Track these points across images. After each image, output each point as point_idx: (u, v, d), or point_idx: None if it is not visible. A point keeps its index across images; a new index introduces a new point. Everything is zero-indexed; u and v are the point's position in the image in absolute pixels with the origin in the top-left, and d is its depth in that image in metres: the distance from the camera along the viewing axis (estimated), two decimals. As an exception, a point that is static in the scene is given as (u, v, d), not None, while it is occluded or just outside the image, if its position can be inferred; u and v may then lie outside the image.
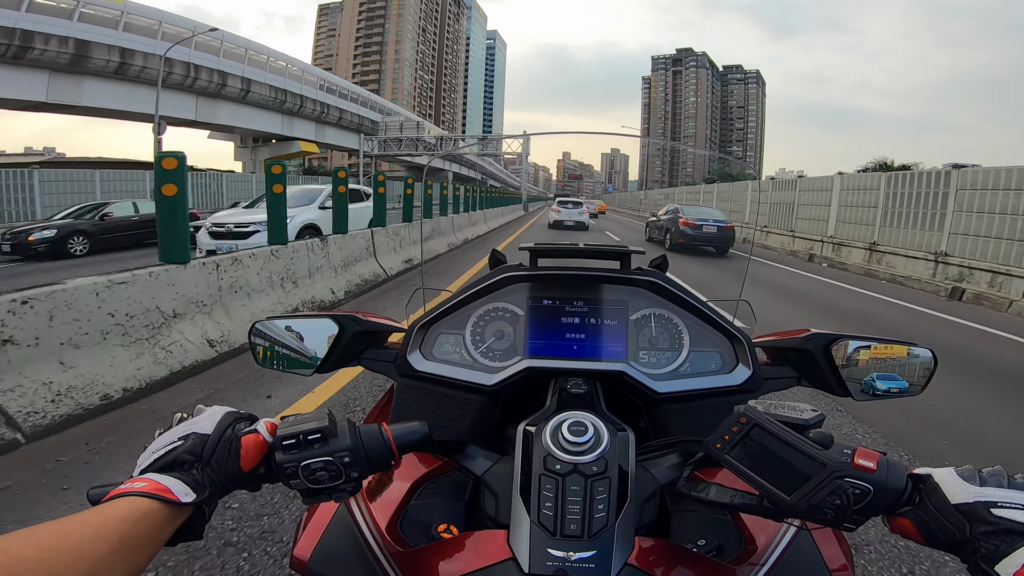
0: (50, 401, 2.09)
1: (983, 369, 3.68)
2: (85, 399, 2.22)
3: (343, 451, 0.44)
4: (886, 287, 7.64)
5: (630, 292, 0.75)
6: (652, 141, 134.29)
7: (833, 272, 9.16)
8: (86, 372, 2.27)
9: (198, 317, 2.99)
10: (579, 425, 0.50)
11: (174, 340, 2.75)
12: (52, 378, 2.15)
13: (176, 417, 0.46)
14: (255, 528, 1.57)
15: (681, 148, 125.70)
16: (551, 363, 0.69)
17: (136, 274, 2.63)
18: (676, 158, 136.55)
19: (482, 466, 0.57)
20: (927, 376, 0.66)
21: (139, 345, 2.56)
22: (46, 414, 2.06)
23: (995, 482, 0.39)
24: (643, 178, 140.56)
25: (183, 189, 2.84)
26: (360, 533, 0.56)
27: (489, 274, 0.76)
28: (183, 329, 2.85)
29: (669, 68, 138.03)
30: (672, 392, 0.67)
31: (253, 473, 0.45)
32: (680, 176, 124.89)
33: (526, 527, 0.45)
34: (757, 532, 0.56)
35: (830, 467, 0.40)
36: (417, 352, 0.72)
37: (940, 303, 6.52)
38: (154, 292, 2.70)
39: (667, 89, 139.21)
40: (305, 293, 4.19)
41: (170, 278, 2.81)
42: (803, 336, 0.70)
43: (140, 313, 2.59)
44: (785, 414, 0.45)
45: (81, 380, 2.24)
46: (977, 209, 7.32)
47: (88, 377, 2.27)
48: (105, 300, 2.41)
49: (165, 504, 0.37)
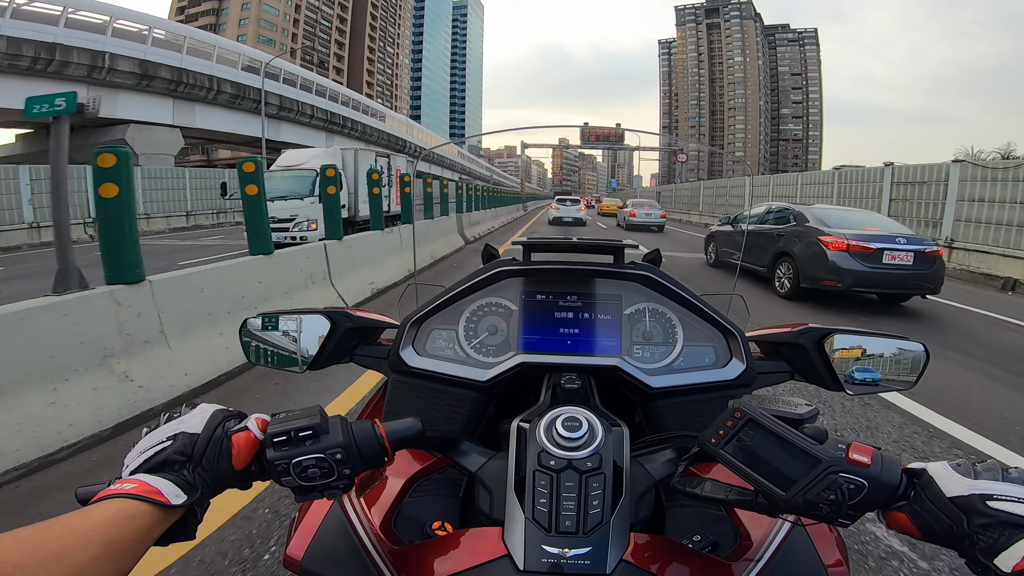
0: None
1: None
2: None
3: (335, 448, 0.54)
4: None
5: (624, 286, 0.92)
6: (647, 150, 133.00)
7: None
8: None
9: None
10: (573, 420, 0.62)
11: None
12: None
13: (163, 415, 0.54)
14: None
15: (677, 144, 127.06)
16: (545, 358, 0.83)
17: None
18: (713, 142, 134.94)
19: (476, 462, 0.68)
20: (920, 370, 0.82)
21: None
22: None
23: (990, 476, 0.48)
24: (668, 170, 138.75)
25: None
26: (354, 531, 0.69)
27: (482, 268, 0.93)
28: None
29: (701, 20, 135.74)
30: (666, 387, 0.82)
31: (245, 471, 0.54)
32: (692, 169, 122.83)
33: (521, 524, 0.56)
34: (752, 528, 0.69)
35: (825, 462, 0.49)
36: (410, 348, 0.87)
37: None
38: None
39: (700, 48, 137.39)
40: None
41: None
42: (796, 330, 0.85)
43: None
44: (780, 409, 0.54)
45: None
46: None
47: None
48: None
49: (155, 506, 0.45)
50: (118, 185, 3.05)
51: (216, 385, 3.59)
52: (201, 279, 3.84)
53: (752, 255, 8.59)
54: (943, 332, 5.79)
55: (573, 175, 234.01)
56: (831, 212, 7.69)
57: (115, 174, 3.03)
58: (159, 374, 3.24)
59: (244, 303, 4.16)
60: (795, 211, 7.84)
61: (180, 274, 3.73)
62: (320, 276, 5.55)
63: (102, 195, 3.04)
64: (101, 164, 2.99)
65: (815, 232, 7.03)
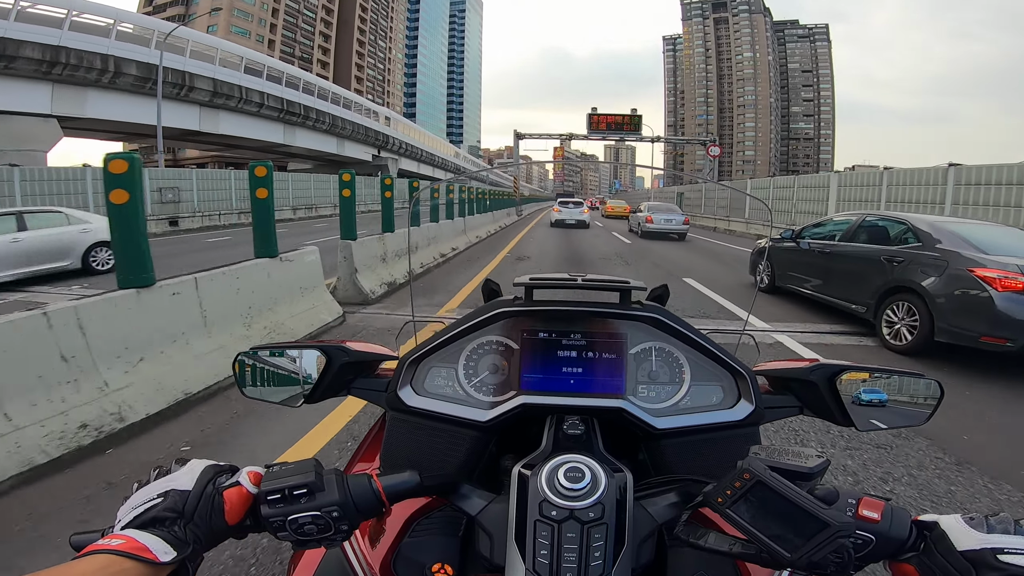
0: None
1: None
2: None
3: (331, 506, 0.55)
4: None
5: (629, 325, 0.89)
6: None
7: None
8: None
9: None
10: (576, 471, 0.62)
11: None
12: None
13: (153, 472, 0.56)
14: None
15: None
16: (547, 399, 0.82)
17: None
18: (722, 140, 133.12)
19: (476, 506, 0.69)
20: (932, 407, 0.81)
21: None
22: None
23: (1002, 528, 0.49)
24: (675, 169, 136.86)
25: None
26: (353, 574, 0.71)
27: (483, 307, 0.92)
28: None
29: (708, 15, 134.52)
30: (672, 428, 0.81)
31: (239, 525, 0.56)
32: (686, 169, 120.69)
33: (521, 574, 0.57)
34: (756, 573, 0.71)
35: (834, 527, 0.49)
36: (408, 387, 0.86)
37: None
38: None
39: (707, 43, 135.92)
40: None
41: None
42: (808, 367, 0.85)
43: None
44: (788, 462, 0.55)
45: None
46: None
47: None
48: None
49: (142, 563, 0.46)
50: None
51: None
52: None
53: (837, 285, 6.34)
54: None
55: (575, 175, 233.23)
56: (976, 230, 5.39)
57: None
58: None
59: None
60: (914, 225, 5.54)
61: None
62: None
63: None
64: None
65: (962, 260, 4.77)
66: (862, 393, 0.82)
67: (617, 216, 37.51)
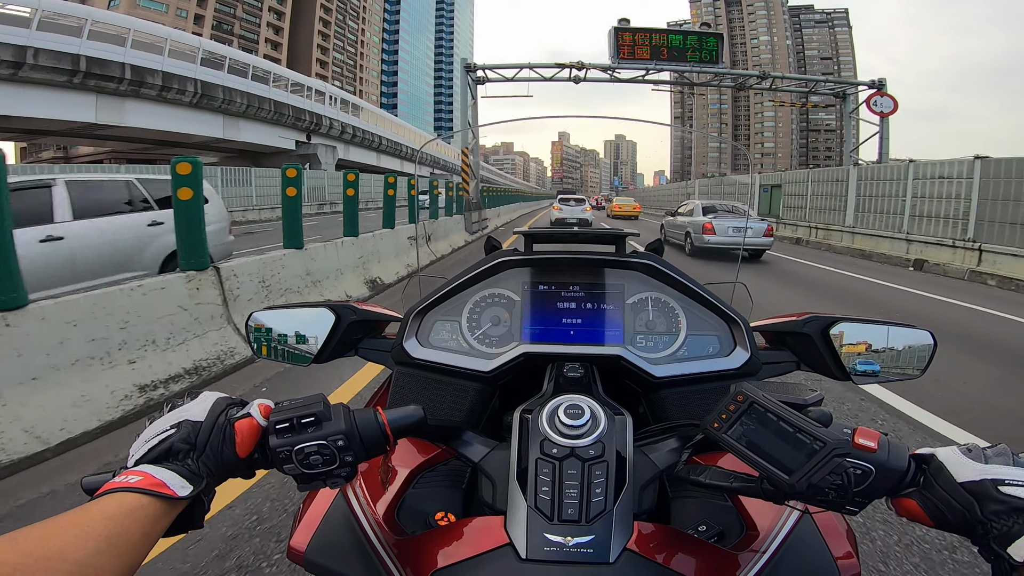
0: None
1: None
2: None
3: (337, 434, 0.58)
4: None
5: (626, 276, 0.99)
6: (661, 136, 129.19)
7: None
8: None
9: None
10: (576, 408, 0.66)
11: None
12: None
13: (166, 405, 0.58)
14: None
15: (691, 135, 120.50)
16: (548, 348, 0.90)
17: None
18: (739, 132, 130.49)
19: (479, 452, 0.72)
20: (927, 359, 0.86)
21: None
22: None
23: (1001, 460, 0.50)
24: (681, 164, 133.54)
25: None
26: (357, 522, 0.74)
27: (484, 259, 1.00)
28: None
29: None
30: (670, 376, 0.88)
31: (248, 459, 0.58)
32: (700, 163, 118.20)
33: (523, 512, 0.59)
34: (759, 518, 0.73)
35: (830, 444, 0.52)
36: (413, 339, 0.94)
37: None
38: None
39: (718, 28, 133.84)
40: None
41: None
42: (801, 319, 0.90)
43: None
44: (784, 395, 0.57)
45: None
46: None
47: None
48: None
49: (160, 499, 0.48)
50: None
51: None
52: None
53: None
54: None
55: (575, 172, 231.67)
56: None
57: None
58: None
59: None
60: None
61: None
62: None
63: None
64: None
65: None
66: (857, 365, 0.88)
67: (625, 216, 34.11)
